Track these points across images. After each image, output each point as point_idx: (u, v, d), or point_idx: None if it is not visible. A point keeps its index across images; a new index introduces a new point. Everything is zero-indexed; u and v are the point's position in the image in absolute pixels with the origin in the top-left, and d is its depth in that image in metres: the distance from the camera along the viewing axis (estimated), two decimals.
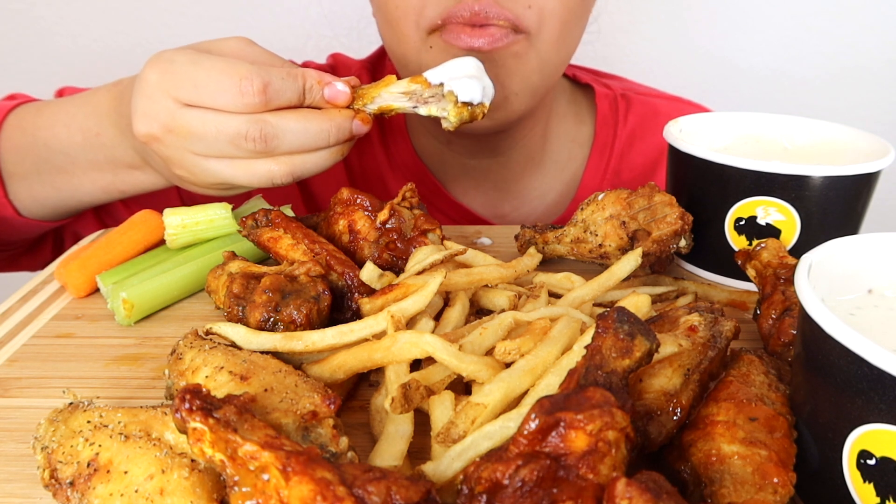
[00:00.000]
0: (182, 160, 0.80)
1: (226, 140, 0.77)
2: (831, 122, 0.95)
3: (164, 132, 0.79)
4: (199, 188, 0.87)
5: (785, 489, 0.47)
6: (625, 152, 1.30)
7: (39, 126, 0.97)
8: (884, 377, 0.44)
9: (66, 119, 0.95)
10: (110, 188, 0.97)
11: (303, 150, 0.79)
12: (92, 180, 0.97)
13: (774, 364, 0.61)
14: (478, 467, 0.44)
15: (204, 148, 0.78)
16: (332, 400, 0.53)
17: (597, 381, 0.48)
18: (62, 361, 0.72)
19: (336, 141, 0.81)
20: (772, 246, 0.77)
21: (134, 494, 0.47)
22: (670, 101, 1.37)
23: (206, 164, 0.80)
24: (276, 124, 0.77)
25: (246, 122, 0.76)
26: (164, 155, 0.81)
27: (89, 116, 0.94)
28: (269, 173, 0.79)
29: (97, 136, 0.93)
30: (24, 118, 0.99)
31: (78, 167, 0.96)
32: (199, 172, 0.81)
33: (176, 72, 0.77)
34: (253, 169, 0.79)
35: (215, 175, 0.80)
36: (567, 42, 1.04)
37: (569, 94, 1.34)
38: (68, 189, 0.99)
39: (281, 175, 0.80)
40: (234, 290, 0.70)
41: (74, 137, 0.94)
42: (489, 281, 0.75)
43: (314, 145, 0.79)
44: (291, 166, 0.80)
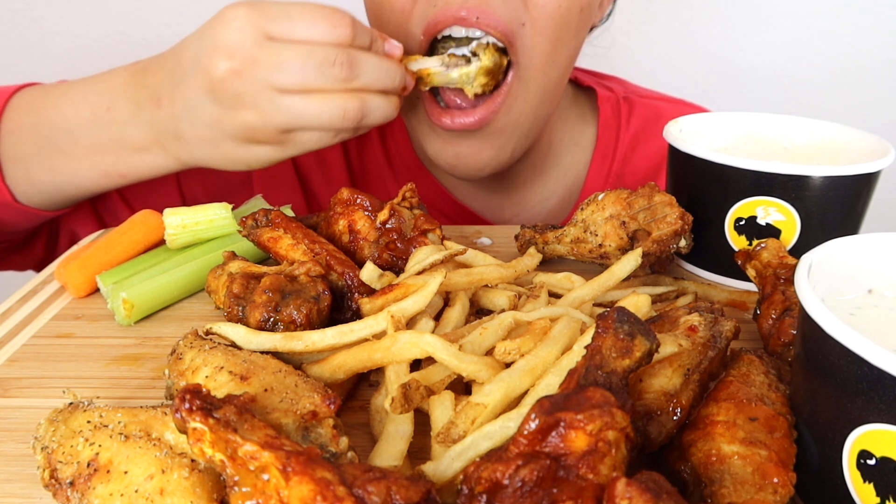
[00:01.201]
0: (256, 96, 0.82)
1: (314, 66, 0.81)
2: (831, 122, 0.95)
3: (248, 64, 0.81)
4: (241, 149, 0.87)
5: (785, 489, 0.47)
6: (628, 156, 1.30)
7: (46, 105, 0.96)
8: (884, 377, 0.44)
9: (75, 97, 0.95)
10: (111, 171, 0.96)
11: (377, 85, 0.86)
12: (92, 163, 0.95)
13: (774, 364, 0.61)
14: (478, 467, 0.44)
15: (287, 79, 0.81)
16: (332, 400, 0.53)
17: (597, 381, 0.48)
18: (62, 361, 0.72)
19: (401, 83, 0.90)
20: (772, 246, 0.77)
21: (134, 494, 0.47)
22: (673, 104, 1.36)
23: (281, 99, 0.82)
24: (358, 55, 0.84)
25: (335, 50, 0.82)
26: (239, 91, 0.82)
27: (101, 93, 0.94)
28: (343, 107, 0.83)
29: (107, 111, 0.93)
30: (32, 98, 0.98)
31: (79, 147, 0.95)
32: (270, 111, 0.83)
33: (267, 7, 0.82)
34: (328, 102, 0.83)
35: (289, 112, 0.83)
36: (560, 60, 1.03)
37: (571, 96, 1.33)
38: (67, 172, 0.97)
39: (353, 109, 0.84)
40: (234, 290, 0.70)
41: (82, 114, 0.94)
42: (489, 281, 0.75)
43: (386, 82, 0.87)
44: (363, 102, 0.85)
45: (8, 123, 0.97)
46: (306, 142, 0.88)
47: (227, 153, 0.89)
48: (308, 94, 0.83)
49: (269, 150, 0.88)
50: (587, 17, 1.04)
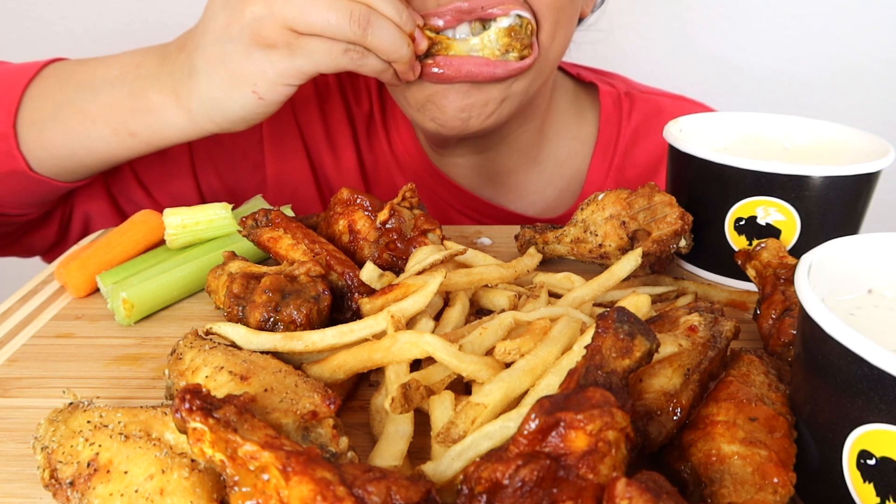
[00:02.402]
0: None
1: None
2: (831, 122, 0.95)
3: None
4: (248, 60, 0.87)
5: (785, 489, 0.47)
6: (629, 150, 1.31)
7: (79, 70, 0.98)
8: (884, 377, 0.44)
9: (110, 60, 0.97)
10: (121, 129, 0.96)
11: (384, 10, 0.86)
12: (105, 120, 0.95)
13: (774, 364, 0.61)
14: (478, 467, 0.44)
15: None
16: (332, 400, 0.53)
17: (597, 381, 0.48)
18: (62, 361, 0.72)
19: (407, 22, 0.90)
20: (772, 246, 0.77)
21: (134, 494, 0.47)
22: (674, 100, 1.37)
23: None
24: None
25: None
26: None
27: (134, 55, 0.97)
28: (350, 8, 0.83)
29: (137, 66, 0.94)
30: (64, 67, 1.00)
31: (96, 105, 0.95)
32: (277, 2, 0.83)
33: None
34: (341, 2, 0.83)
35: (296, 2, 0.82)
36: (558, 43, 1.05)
37: (572, 92, 1.34)
38: (80, 132, 0.97)
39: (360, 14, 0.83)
40: (234, 290, 0.70)
41: (111, 72, 0.95)
42: (489, 281, 0.75)
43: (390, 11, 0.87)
44: (370, 10, 0.85)
45: (33, 90, 0.98)
46: (315, 51, 0.86)
47: (235, 68, 0.88)
48: None
49: (277, 56, 0.87)
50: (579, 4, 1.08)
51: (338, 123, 1.27)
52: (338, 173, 1.28)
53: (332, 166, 1.28)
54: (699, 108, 1.39)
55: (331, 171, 1.29)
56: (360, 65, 0.89)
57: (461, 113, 1.02)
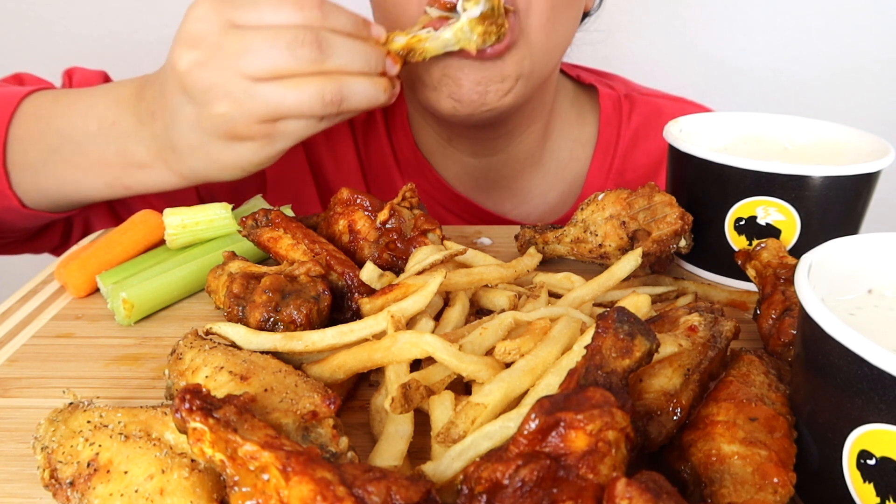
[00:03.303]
0: (228, 85, 0.79)
1: (281, 48, 0.77)
2: (831, 122, 0.95)
3: (212, 52, 0.78)
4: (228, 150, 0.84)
5: (785, 489, 0.47)
6: (629, 152, 1.31)
7: (55, 114, 0.95)
8: (884, 377, 0.44)
9: (83, 108, 0.94)
10: (115, 183, 0.95)
11: (352, 66, 0.82)
12: (98, 174, 0.94)
13: (774, 364, 0.61)
14: (478, 467, 0.44)
15: (255, 64, 0.78)
16: (332, 400, 0.53)
17: (597, 381, 0.48)
18: (62, 361, 0.72)
19: (378, 65, 0.85)
20: (772, 246, 0.77)
21: (134, 494, 0.47)
22: (674, 102, 1.37)
23: (255, 88, 0.79)
24: (328, 36, 0.80)
25: (302, 29, 0.78)
26: (207, 83, 0.79)
27: (109, 106, 0.93)
28: (321, 90, 0.80)
29: (113, 125, 0.92)
30: (41, 105, 0.97)
31: (85, 159, 0.94)
32: (244, 100, 0.79)
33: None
34: (304, 86, 0.79)
35: (265, 99, 0.79)
36: (557, 27, 1.03)
37: (572, 94, 1.34)
38: (72, 182, 0.96)
39: (331, 92, 0.80)
40: (234, 290, 0.70)
41: (90, 126, 0.93)
42: (489, 281, 0.75)
43: (361, 64, 0.83)
44: (341, 83, 0.81)
45: (16, 130, 0.97)
46: (292, 131, 0.84)
47: (217, 157, 0.86)
48: (282, 80, 0.79)
49: (257, 146, 0.85)
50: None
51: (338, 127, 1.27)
52: (337, 174, 1.28)
53: (332, 167, 1.28)
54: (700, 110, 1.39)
55: (330, 172, 1.29)
56: (338, 120, 0.87)
57: (478, 86, 1.00)
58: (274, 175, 1.26)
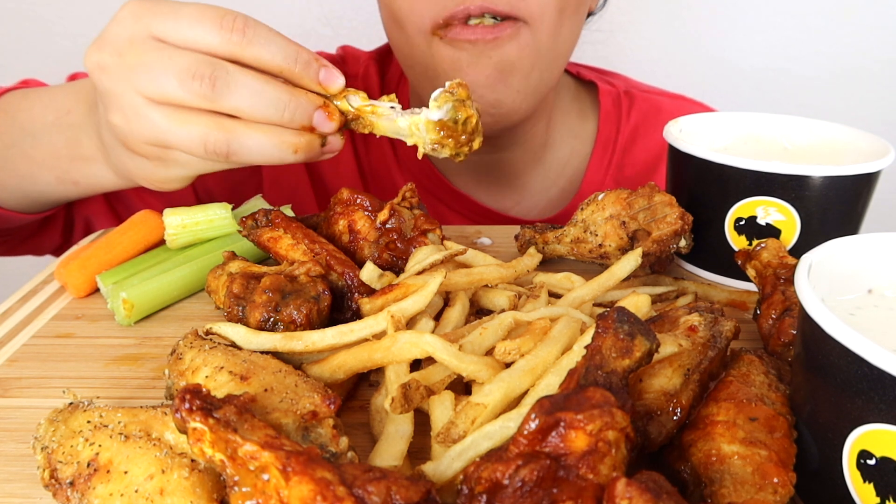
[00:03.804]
0: (121, 98, 0.72)
1: (173, 74, 0.68)
2: (831, 122, 0.95)
3: (115, 58, 0.71)
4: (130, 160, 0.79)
5: (785, 489, 0.47)
6: (628, 148, 1.31)
7: (21, 108, 0.94)
8: (884, 377, 0.44)
9: (47, 100, 0.93)
10: (64, 178, 0.92)
11: (252, 113, 0.70)
12: (49, 167, 0.92)
13: (774, 364, 0.61)
14: (478, 467, 0.44)
15: (147, 84, 0.70)
16: (332, 400, 0.53)
17: (597, 381, 0.48)
18: (62, 361, 0.72)
19: (294, 117, 0.71)
20: (772, 246, 0.77)
21: (134, 494, 0.47)
22: (673, 99, 1.38)
23: (144, 109, 0.71)
24: (231, 72, 0.69)
25: (200, 59, 0.69)
26: (105, 88, 0.73)
27: (68, 95, 0.91)
28: (205, 135, 0.70)
29: (67, 113, 0.89)
30: (11, 101, 0.97)
31: (39, 151, 0.92)
32: (133, 118, 0.72)
33: (161, 3, 0.72)
34: (189, 125, 0.70)
35: (149, 124, 0.71)
36: (564, 33, 1.04)
37: (573, 90, 1.35)
38: (28, 176, 0.94)
39: (215, 142, 0.70)
40: (234, 290, 0.70)
41: (48, 117, 0.91)
42: (489, 281, 0.75)
43: (268, 112, 0.70)
44: (230, 134, 0.70)
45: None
46: (186, 162, 0.75)
47: (122, 163, 0.81)
48: (172, 108, 0.70)
49: (151, 165, 0.77)
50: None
51: None
52: (334, 173, 1.28)
53: (329, 166, 1.28)
54: (698, 108, 1.39)
55: (328, 173, 1.29)
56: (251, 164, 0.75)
57: (491, 108, 1.04)
58: (271, 175, 1.26)
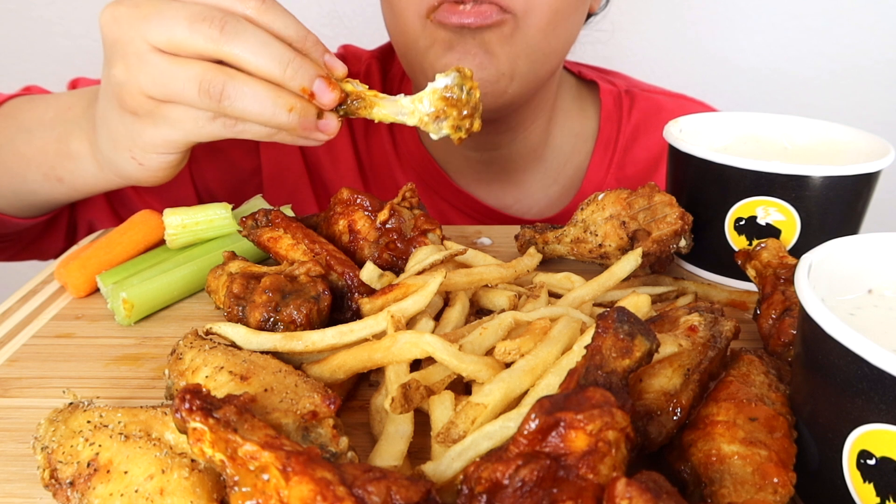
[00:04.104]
0: (127, 45, 0.73)
1: (184, 17, 0.70)
2: (831, 122, 0.95)
3: (131, 9, 0.73)
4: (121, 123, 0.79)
5: (785, 489, 0.47)
6: (629, 147, 1.31)
7: (24, 109, 0.95)
8: (884, 377, 0.44)
9: (51, 100, 0.94)
10: (50, 174, 0.92)
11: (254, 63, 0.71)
12: (37, 164, 0.92)
13: (774, 364, 0.61)
14: (478, 467, 0.44)
15: (157, 30, 0.71)
16: (332, 400, 0.53)
17: (597, 381, 0.48)
18: (62, 361, 0.72)
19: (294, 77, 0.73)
20: (772, 246, 0.77)
21: (134, 494, 0.47)
22: (674, 98, 1.38)
23: (147, 54, 0.72)
24: (241, 22, 0.71)
25: (214, 9, 0.71)
26: (115, 37, 0.74)
27: (72, 96, 0.93)
28: (201, 73, 0.71)
29: (67, 110, 0.90)
30: (17, 105, 0.98)
31: (30, 147, 0.92)
32: (134, 65, 0.73)
33: None
34: (188, 65, 0.71)
35: (149, 68, 0.72)
36: (558, 31, 1.04)
37: (574, 90, 1.35)
38: (19, 174, 0.94)
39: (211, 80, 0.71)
40: (234, 290, 0.70)
41: (47, 114, 0.92)
42: (489, 281, 0.75)
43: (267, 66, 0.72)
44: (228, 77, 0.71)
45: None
46: (178, 120, 0.75)
47: (112, 128, 0.80)
48: (175, 57, 0.72)
49: (142, 126, 0.77)
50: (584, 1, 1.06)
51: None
52: (334, 172, 1.28)
53: (329, 165, 1.28)
54: (699, 107, 1.39)
55: (327, 173, 1.29)
56: (238, 131, 0.76)
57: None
58: (271, 175, 1.26)
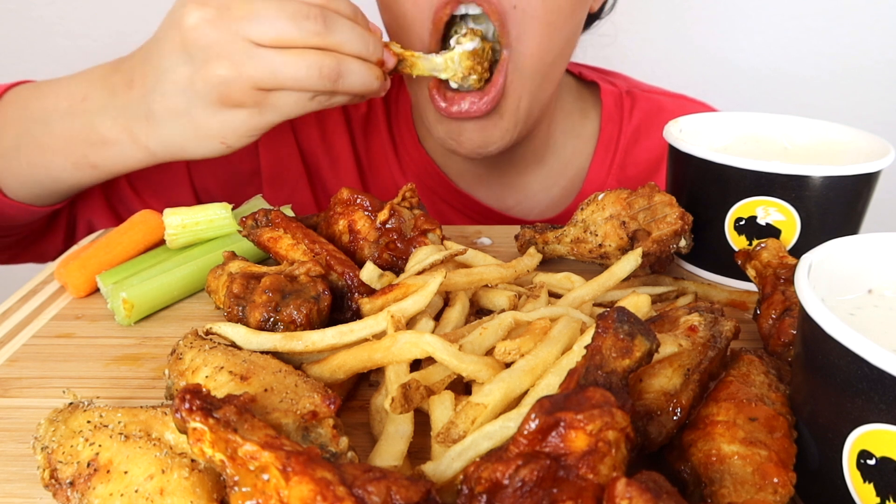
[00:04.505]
0: (230, 46, 0.80)
1: (287, 17, 0.80)
2: (831, 122, 0.95)
3: (221, 12, 0.80)
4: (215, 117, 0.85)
5: (785, 489, 0.47)
6: (630, 148, 1.31)
7: (32, 97, 0.96)
8: (884, 377, 0.44)
9: (58, 88, 0.95)
10: (82, 162, 0.94)
11: (352, 47, 0.84)
12: (65, 154, 0.94)
13: (774, 364, 0.61)
14: (478, 467, 0.44)
15: (261, 30, 0.80)
16: (332, 400, 0.53)
17: (597, 381, 0.48)
18: (62, 361, 0.72)
19: (376, 52, 0.88)
20: (772, 246, 0.77)
21: (134, 494, 0.47)
22: (675, 99, 1.38)
23: (255, 52, 0.80)
24: (333, 15, 0.83)
25: (308, 4, 0.81)
26: (211, 41, 0.81)
27: (80, 83, 0.93)
28: (319, 63, 0.82)
29: (83, 100, 0.91)
30: (21, 93, 0.98)
31: (53, 138, 0.93)
32: (244, 62, 0.81)
33: None
34: (305, 55, 0.81)
35: (264, 65, 0.81)
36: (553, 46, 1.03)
37: (575, 91, 1.35)
38: (42, 165, 0.96)
39: (329, 66, 0.82)
40: (234, 290, 0.70)
41: (61, 104, 0.93)
42: (489, 281, 0.75)
43: (360, 47, 0.85)
44: (339, 61, 0.83)
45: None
46: (284, 104, 0.85)
47: (201, 123, 0.86)
48: (283, 49, 0.81)
49: (246, 114, 0.85)
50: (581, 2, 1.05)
51: (334, 125, 1.27)
52: (333, 172, 1.28)
53: (327, 165, 1.28)
54: (700, 107, 1.39)
55: (325, 171, 1.29)
56: (329, 104, 0.89)
57: (479, 148, 1.07)
58: (269, 175, 1.26)
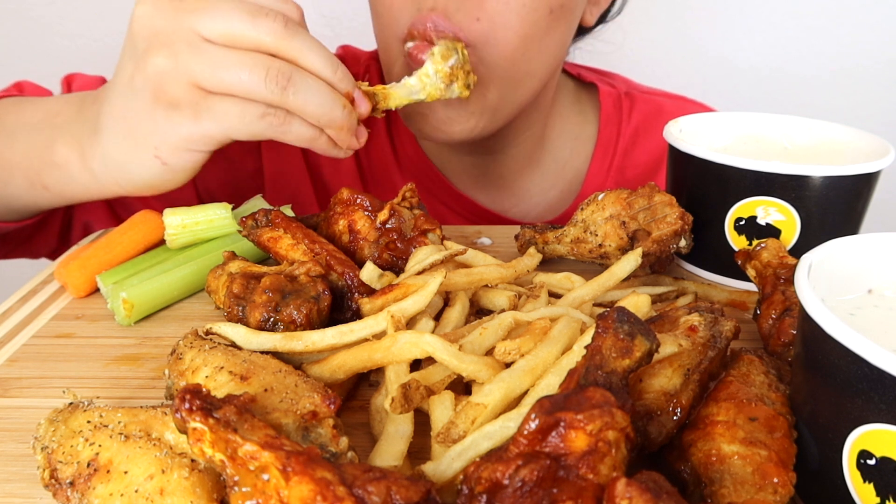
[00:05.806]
0: (173, 35, 0.73)
1: (245, 11, 0.72)
2: (831, 122, 0.95)
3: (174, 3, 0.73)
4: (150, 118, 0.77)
5: (785, 489, 0.47)
6: (629, 150, 1.31)
7: (10, 112, 0.93)
8: (884, 377, 0.44)
9: (39, 104, 0.92)
10: (35, 181, 0.89)
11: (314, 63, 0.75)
12: (22, 171, 0.89)
13: (774, 364, 0.61)
14: (478, 467, 0.44)
15: (211, 24, 0.72)
16: (332, 400, 0.53)
17: (597, 381, 0.48)
18: (62, 361, 0.72)
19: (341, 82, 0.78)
20: (772, 246, 0.77)
21: (134, 494, 0.47)
22: (674, 100, 1.38)
23: (199, 44, 0.72)
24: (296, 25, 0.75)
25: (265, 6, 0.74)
26: (155, 29, 0.73)
27: (59, 101, 0.90)
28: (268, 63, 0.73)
29: (56, 115, 0.87)
30: (4, 107, 0.95)
31: (14, 153, 0.89)
32: (184, 54, 0.72)
33: None
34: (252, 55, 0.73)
35: (203, 58, 0.72)
36: (530, 56, 1.00)
37: (573, 93, 1.35)
38: (2, 180, 0.91)
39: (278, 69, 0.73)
40: (234, 290, 0.70)
41: (35, 117, 0.89)
42: (489, 281, 0.75)
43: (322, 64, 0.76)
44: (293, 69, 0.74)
45: None
46: (224, 113, 0.74)
47: (134, 126, 0.77)
48: (233, 48, 0.73)
49: (181, 118, 0.75)
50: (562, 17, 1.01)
51: None
52: (334, 173, 1.29)
53: (329, 166, 1.28)
54: (699, 108, 1.39)
55: (327, 173, 1.29)
56: (283, 132, 0.77)
57: (443, 124, 1.03)
58: (271, 175, 1.26)
